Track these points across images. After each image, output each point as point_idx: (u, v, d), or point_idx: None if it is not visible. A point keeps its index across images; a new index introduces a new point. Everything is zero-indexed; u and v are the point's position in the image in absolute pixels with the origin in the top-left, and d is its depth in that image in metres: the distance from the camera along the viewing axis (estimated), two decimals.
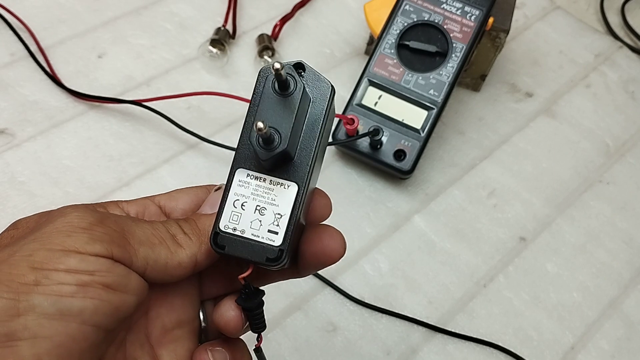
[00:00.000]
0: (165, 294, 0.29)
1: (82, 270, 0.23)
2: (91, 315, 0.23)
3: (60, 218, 0.25)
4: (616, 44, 0.71)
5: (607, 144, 0.62)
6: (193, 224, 0.28)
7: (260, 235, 0.27)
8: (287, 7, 0.66)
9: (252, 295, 0.28)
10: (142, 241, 0.26)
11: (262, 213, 0.27)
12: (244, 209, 0.27)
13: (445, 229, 0.54)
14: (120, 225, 0.26)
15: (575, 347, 0.49)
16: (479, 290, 0.51)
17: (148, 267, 0.26)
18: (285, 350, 0.46)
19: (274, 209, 0.27)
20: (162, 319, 0.29)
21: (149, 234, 0.27)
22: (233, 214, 0.27)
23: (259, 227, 0.27)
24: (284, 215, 0.27)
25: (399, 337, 0.48)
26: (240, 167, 0.27)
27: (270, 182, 0.27)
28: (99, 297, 0.24)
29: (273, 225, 0.27)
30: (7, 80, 0.57)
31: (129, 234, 0.26)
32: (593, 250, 0.55)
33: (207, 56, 0.60)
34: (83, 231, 0.24)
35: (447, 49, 0.54)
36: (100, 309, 0.24)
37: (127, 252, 0.25)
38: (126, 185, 0.52)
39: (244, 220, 0.27)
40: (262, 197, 0.27)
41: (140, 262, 0.26)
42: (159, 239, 0.27)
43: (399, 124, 0.53)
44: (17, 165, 0.52)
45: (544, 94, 0.65)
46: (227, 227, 0.27)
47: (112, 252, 0.24)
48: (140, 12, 0.64)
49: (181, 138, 0.55)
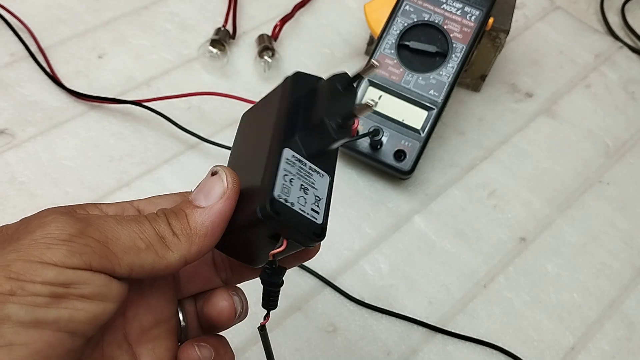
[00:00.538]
0: (142, 294, 0.29)
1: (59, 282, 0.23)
2: (67, 323, 0.23)
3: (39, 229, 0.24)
4: (616, 44, 0.71)
5: (607, 144, 0.62)
6: (184, 221, 0.27)
7: (306, 212, 0.27)
8: (287, 8, 0.66)
9: (278, 272, 0.29)
10: (127, 248, 0.26)
11: (306, 192, 0.27)
12: (292, 185, 0.27)
13: (446, 229, 0.54)
14: (103, 232, 0.25)
15: (576, 348, 0.49)
16: (479, 290, 0.51)
17: (133, 273, 0.26)
18: (285, 350, 0.46)
19: (314, 191, 0.28)
20: (140, 319, 0.29)
21: (135, 237, 0.26)
22: (284, 186, 0.27)
23: (305, 203, 0.27)
24: (322, 199, 0.28)
25: (399, 337, 0.48)
26: (287, 147, 0.27)
27: (310, 168, 0.28)
28: (74, 307, 0.24)
29: (315, 205, 0.28)
30: (7, 80, 0.57)
31: (112, 241, 0.25)
32: (593, 250, 0.55)
33: (207, 56, 0.60)
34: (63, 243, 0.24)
35: (447, 49, 0.54)
36: (76, 317, 0.24)
37: (109, 262, 0.25)
38: (126, 186, 0.52)
39: (293, 195, 0.27)
40: (304, 179, 0.28)
41: (124, 269, 0.25)
42: (146, 243, 0.26)
43: (399, 124, 0.53)
44: (17, 165, 0.52)
45: (544, 94, 0.65)
46: (280, 197, 0.27)
47: (92, 264, 0.24)
48: (140, 13, 0.64)
49: (181, 138, 0.55)
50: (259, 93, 0.60)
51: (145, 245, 0.26)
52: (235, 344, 0.45)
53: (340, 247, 0.52)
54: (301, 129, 0.28)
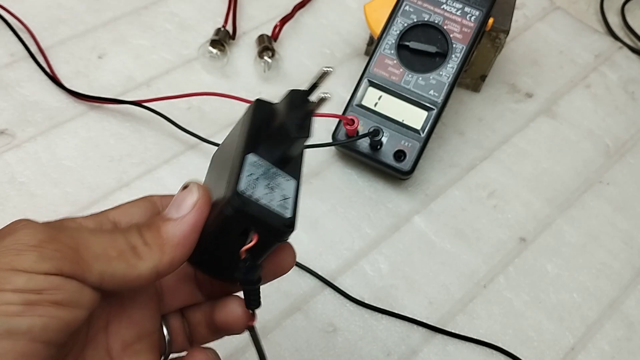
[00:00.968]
0: (124, 308, 0.29)
1: (30, 289, 0.23)
2: (40, 332, 0.23)
3: (9, 236, 0.24)
4: (616, 45, 0.71)
5: (607, 144, 0.62)
6: (156, 232, 0.27)
7: (273, 206, 0.28)
8: (287, 8, 0.66)
9: (252, 269, 0.29)
10: (98, 255, 0.25)
11: (272, 190, 0.28)
12: (257, 183, 0.28)
13: (446, 229, 0.54)
14: (74, 239, 0.25)
15: (576, 348, 0.49)
16: (479, 290, 0.51)
17: (104, 281, 0.25)
18: (285, 351, 0.46)
19: (281, 191, 0.29)
20: (122, 333, 0.29)
21: (107, 245, 0.26)
22: (249, 183, 0.28)
23: (271, 200, 0.28)
24: (289, 198, 0.29)
25: (399, 337, 0.48)
26: (251, 152, 0.28)
27: (275, 173, 0.29)
28: (47, 315, 0.23)
29: (282, 201, 0.28)
30: (7, 80, 0.57)
31: (83, 247, 0.25)
32: (593, 250, 0.55)
33: (207, 57, 0.60)
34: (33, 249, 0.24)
35: (447, 50, 0.54)
36: (49, 325, 0.23)
37: (79, 267, 0.25)
38: (126, 186, 0.52)
39: (259, 191, 0.28)
40: (270, 179, 0.28)
41: (95, 277, 0.25)
42: (117, 251, 0.26)
43: (399, 125, 0.53)
44: (17, 165, 0.52)
45: (544, 94, 0.65)
46: (245, 191, 0.27)
47: (62, 269, 0.24)
48: (140, 13, 0.64)
49: (181, 138, 0.55)
50: (259, 93, 0.60)
51: (116, 253, 0.26)
52: (235, 344, 0.45)
53: (340, 247, 0.52)
54: (264, 140, 0.29)
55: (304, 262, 0.50)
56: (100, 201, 0.51)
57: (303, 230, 0.52)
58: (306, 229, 0.52)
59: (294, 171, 0.30)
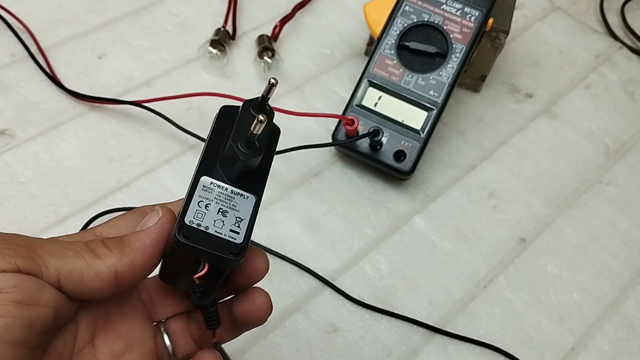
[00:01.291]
0: (109, 320, 0.29)
1: None
2: (3, 333, 0.23)
3: None
4: (616, 45, 0.71)
5: (607, 144, 0.62)
6: (117, 238, 0.28)
7: (223, 233, 0.28)
8: (287, 8, 0.66)
9: (206, 294, 0.30)
10: (54, 253, 0.25)
11: (224, 215, 0.29)
12: (207, 210, 0.29)
13: (446, 229, 0.54)
14: (29, 240, 0.25)
15: (576, 348, 0.49)
16: (479, 291, 0.51)
17: (62, 278, 0.25)
18: (285, 351, 0.46)
19: (235, 213, 0.29)
20: (110, 345, 0.29)
21: (63, 247, 0.26)
22: (197, 212, 0.28)
23: (222, 226, 0.29)
24: (244, 220, 0.29)
25: (399, 337, 0.48)
26: (204, 175, 0.29)
27: (232, 192, 0.29)
28: (9, 315, 0.23)
29: (234, 226, 0.29)
30: (7, 81, 0.57)
31: (38, 247, 0.25)
32: (593, 251, 0.55)
33: (207, 57, 0.60)
34: None
35: (447, 50, 0.54)
36: (12, 325, 0.23)
37: (35, 263, 0.24)
38: (126, 186, 0.52)
39: (208, 219, 0.28)
40: (224, 202, 0.29)
41: (52, 272, 0.25)
42: (74, 251, 0.26)
43: (399, 125, 0.53)
44: (17, 165, 0.52)
45: (543, 94, 0.65)
46: (192, 222, 0.28)
47: (18, 265, 0.24)
48: (140, 13, 0.64)
49: (181, 139, 0.55)
50: (259, 93, 0.60)
51: (72, 253, 0.26)
52: (235, 344, 0.45)
53: (340, 247, 0.52)
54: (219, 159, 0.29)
55: (304, 262, 0.50)
56: (100, 201, 0.51)
57: (303, 231, 0.52)
58: (306, 229, 0.52)
59: (255, 186, 0.30)
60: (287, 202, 0.53)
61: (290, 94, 0.60)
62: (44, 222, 0.49)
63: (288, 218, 0.52)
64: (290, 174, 0.55)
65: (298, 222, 0.52)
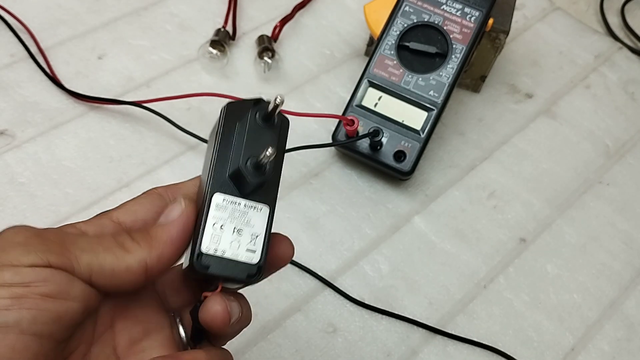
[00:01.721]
0: (127, 307, 0.30)
1: (17, 283, 0.23)
2: (29, 325, 0.23)
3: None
4: (616, 45, 0.71)
5: (607, 144, 0.62)
6: (144, 231, 0.28)
7: (239, 255, 0.29)
8: (287, 8, 0.66)
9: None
10: (85, 248, 0.26)
11: (240, 234, 0.29)
12: (222, 230, 0.29)
13: (446, 230, 0.54)
14: (60, 235, 0.26)
15: (576, 349, 0.49)
16: (479, 291, 0.51)
17: (93, 274, 0.26)
18: (285, 351, 0.46)
19: (250, 229, 0.29)
20: (129, 331, 0.30)
21: (93, 242, 0.27)
22: (213, 236, 0.28)
23: (238, 247, 0.29)
24: (259, 235, 0.29)
25: (399, 338, 0.48)
26: (217, 192, 0.29)
27: (245, 206, 0.29)
28: (36, 307, 0.24)
29: (250, 244, 0.29)
30: (7, 81, 0.57)
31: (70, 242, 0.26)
32: (593, 251, 0.55)
33: (207, 57, 0.60)
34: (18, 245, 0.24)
35: (447, 50, 0.54)
36: (38, 318, 0.24)
37: (67, 258, 0.25)
38: (126, 186, 0.52)
39: (224, 241, 0.28)
40: (238, 220, 0.29)
41: (83, 268, 0.25)
42: (104, 246, 0.27)
43: (399, 125, 0.53)
44: (17, 166, 0.52)
45: (543, 94, 0.65)
46: (209, 249, 0.28)
47: (49, 260, 0.24)
48: (140, 13, 0.64)
49: (181, 139, 0.55)
50: (259, 94, 0.59)
51: (102, 248, 0.27)
52: (235, 344, 0.45)
53: (340, 247, 0.52)
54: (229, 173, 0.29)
55: (304, 263, 0.50)
56: (101, 201, 0.51)
57: (303, 231, 0.52)
58: (306, 229, 0.52)
59: (267, 195, 0.30)
60: (287, 203, 0.53)
61: (290, 94, 0.60)
62: (44, 223, 0.49)
63: (288, 218, 0.52)
64: (290, 174, 0.55)
65: (298, 223, 0.52)
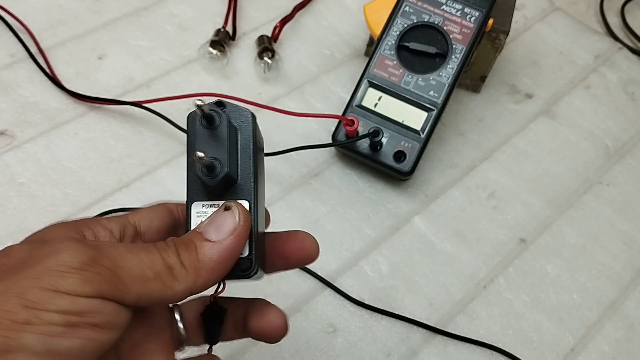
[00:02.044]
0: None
1: (72, 311, 0.24)
2: (78, 353, 0.24)
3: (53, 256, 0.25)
4: (616, 45, 0.71)
5: (607, 145, 0.62)
6: (193, 253, 0.28)
7: None
8: (287, 9, 0.66)
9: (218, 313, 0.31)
10: (136, 277, 0.26)
11: None
12: None
13: (445, 230, 0.54)
14: (114, 260, 0.26)
15: (576, 349, 0.49)
16: (479, 291, 0.51)
17: (140, 302, 0.26)
18: (285, 352, 0.46)
19: None
20: (131, 334, 0.30)
21: (144, 266, 0.27)
22: None
23: None
24: None
25: (399, 338, 0.48)
26: (194, 201, 0.29)
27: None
28: (86, 337, 0.24)
29: None
30: (7, 81, 0.57)
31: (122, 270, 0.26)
32: (593, 251, 0.55)
33: (207, 57, 0.60)
34: (75, 272, 0.24)
35: (447, 50, 0.54)
36: (87, 347, 0.24)
37: (119, 290, 0.25)
38: (126, 187, 0.52)
39: None
40: None
41: (132, 298, 0.26)
42: (154, 272, 0.27)
43: (398, 125, 0.53)
44: (17, 166, 0.52)
45: (543, 95, 0.65)
46: None
47: (103, 292, 0.25)
48: (140, 14, 0.64)
49: (181, 139, 0.55)
50: (259, 94, 0.60)
51: (153, 275, 0.27)
52: (235, 344, 0.45)
53: (340, 248, 0.52)
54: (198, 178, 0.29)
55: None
56: (101, 202, 0.51)
57: None
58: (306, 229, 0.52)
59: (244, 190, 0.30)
60: (287, 203, 0.53)
61: (290, 95, 0.60)
62: (44, 223, 0.49)
63: (288, 218, 0.52)
64: (290, 174, 0.55)
65: (298, 223, 0.52)
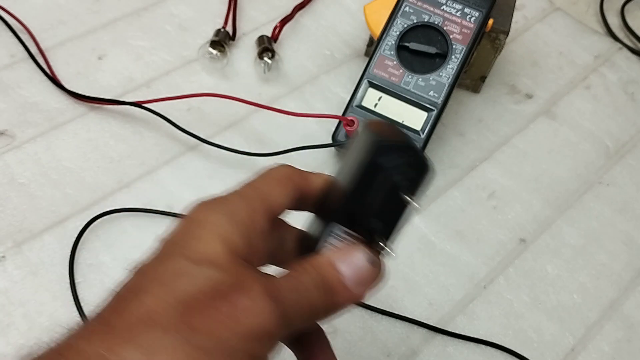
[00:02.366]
0: None
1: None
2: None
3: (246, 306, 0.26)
4: (616, 46, 0.71)
5: (607, 145, 0.62)
6: (329, 294, 0.30)
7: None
8: (287, 9, 0.66)
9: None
10: (302, 316, 0.29)
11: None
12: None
13: (445, 230, 0.54)
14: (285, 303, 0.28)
15: (576, 349, 0.49)
16: (479, 291, 0.51)
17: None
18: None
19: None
20: None
21: (305, 306, 0.29)
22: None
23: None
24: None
25: (399, 338, 0.48)
26: (333, 222, 0.32)
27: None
28: None
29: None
30: (7, 81, 0.57)
31: (290, 307, 0.28)
32: (593, 251, 0.55)
33: (207, 58, 0.60)
34: (263, 333, 0.26)
35: (447, 51, 0.54)
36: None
37: (287, 332, 0.29)
38: (126, 187, 0.52)
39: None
40: None
41: (292, 330, 0.29)
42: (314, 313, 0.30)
43: (398, 125, 0.53)
44: (17, 166, 0.52)
45: (543, 95, 0.65)
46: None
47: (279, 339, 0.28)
48: (140, 14, 0.64)
49: (181, 140, 0.55)
50: (259, 94, 0.60)
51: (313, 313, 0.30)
52: None
53: None
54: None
55: None
56: (101, 202, 0.51)
57: None
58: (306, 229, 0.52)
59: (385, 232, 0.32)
60: None
61: (290, 95, 0.60)
62: (44, 223, 0.49)
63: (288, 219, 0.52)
64: None
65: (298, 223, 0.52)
